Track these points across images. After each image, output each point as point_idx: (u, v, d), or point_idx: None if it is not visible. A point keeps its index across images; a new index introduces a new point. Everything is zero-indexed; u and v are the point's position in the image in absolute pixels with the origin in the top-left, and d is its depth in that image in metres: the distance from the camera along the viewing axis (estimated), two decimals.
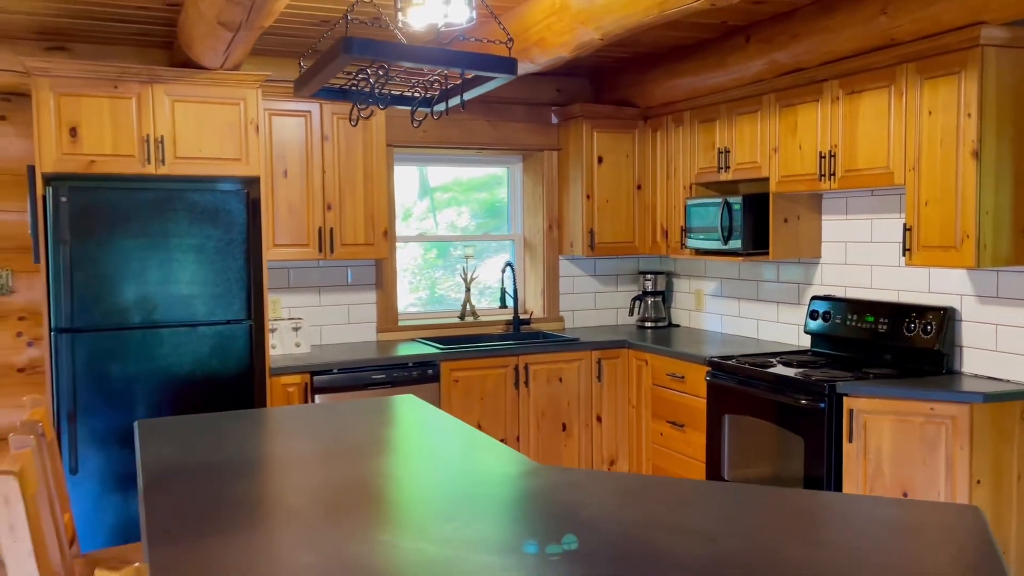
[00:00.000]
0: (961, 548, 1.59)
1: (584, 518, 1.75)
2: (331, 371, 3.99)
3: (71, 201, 3.41)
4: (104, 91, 3.55)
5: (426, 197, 5.19)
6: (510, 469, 2.14)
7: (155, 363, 3.57)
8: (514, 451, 2.30)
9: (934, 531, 1.67)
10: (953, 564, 1.52)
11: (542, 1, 3.20)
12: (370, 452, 2.32)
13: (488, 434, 3.67)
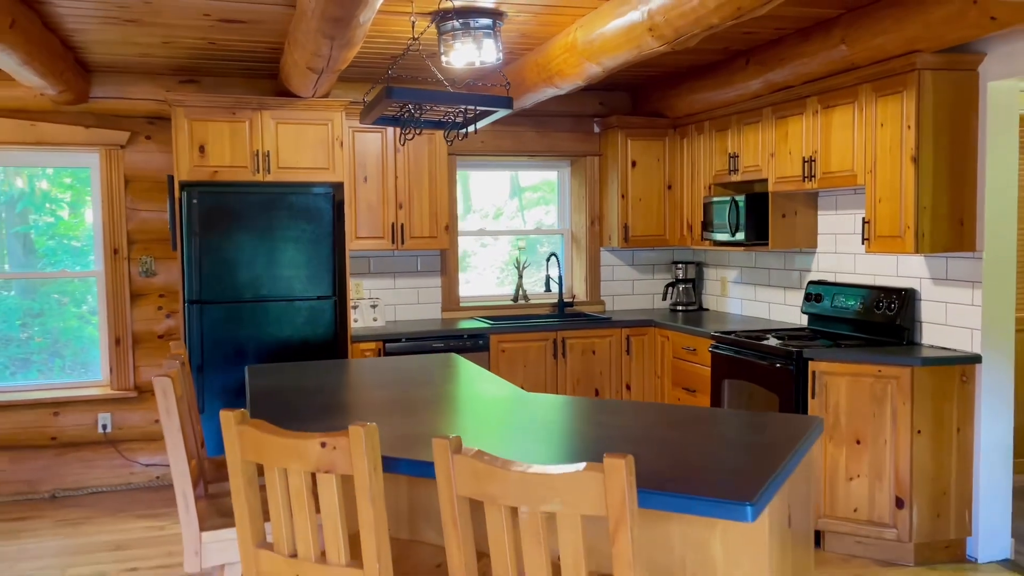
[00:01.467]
0: (775, 436, 2.31)
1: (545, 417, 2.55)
2: (400, 340, 4.89)
3: (199, 203, 4.44)
4: (224, 117, 4.56)
5: (516, 197, 6.05)
6: (506, 392, 2.96)
7: (262, 329, 4.56)
8: (512, 385, 3.11)
9: (772, 428, 2.38)
10: (758, 437, 2.24)
11: (560, 40, 4.01)
12: (418, 383, 3.17)
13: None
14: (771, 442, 2.20)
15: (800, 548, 2.33)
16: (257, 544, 2.01)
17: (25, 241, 5.29)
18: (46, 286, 5.22)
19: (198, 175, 4.54)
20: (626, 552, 1.56)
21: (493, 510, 1.68)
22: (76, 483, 4.99)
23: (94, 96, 4.88)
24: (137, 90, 4.93)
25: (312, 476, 1.89)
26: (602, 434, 2.35)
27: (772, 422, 2.44)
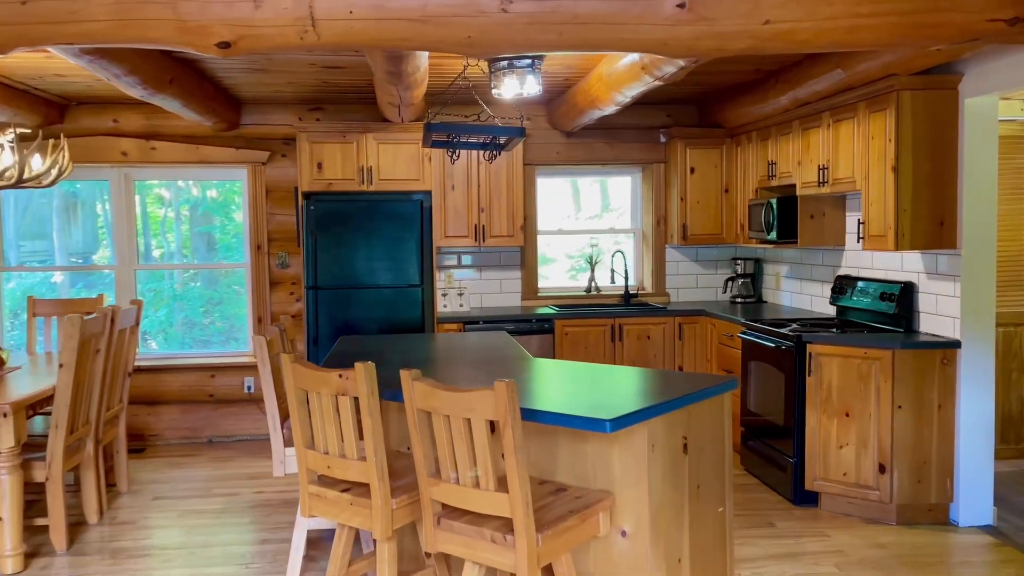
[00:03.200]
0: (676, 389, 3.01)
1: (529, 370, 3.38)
2: (478, 322, 5.83)
3: (316, 209, 5.57)
4: (337, 139, 5.67)
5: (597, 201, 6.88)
6: (513, 354, 3.81)
7: (364, 311, 5.63)
8: (525, 352, 3.95)
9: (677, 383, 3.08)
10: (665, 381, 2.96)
11: (595, 72, 4.80)
12: (458, 348, 4.09)
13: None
14: (664, 391, 2.94)
15: (706, 470, 3.04)
16: (305, 445, 2.99)
17: (209, 239, 6.68)
18: (228, 277, 6.58)
19: (316, 186, 5.68)
20: (510, 442, 2.40)
21: (436, 418, 2.57)
22: (226, 431, 6.29)
23: (243, 123, 6.14)
24: (276, 118, 6.14)
25: (335, 398, 2.84)
26: (553, 381, 3.16)
27: (684, 379, 3.17)
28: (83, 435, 4.25)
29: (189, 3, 2.53)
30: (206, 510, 4.64)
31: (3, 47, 2.58)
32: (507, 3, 2.63)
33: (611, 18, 2.69)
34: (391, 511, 2.81)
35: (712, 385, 3.05)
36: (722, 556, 3.18)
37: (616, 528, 2.79)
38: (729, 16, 2.72)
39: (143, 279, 6.63)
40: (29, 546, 4.01)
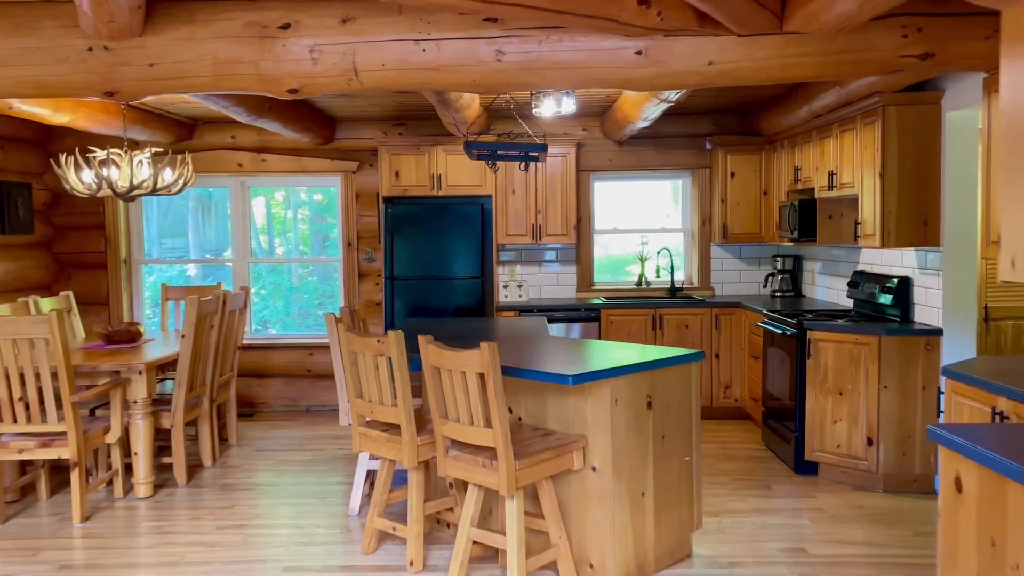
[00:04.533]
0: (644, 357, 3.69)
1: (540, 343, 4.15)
2: (532, 310, 6.62)
3: (393, 211, 6.50)
4: (412, 151, 6.59)
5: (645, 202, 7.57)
6: (533, 332, 4.57)
7: (433, 298, 6.52)
8: (552, 332, 4.71)
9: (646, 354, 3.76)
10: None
11: (623, 94, 5.50)
12: (497, 327, 4.89)
13: None
14: (631, 359, 3.65)
15: (672, 425, 3.72)
16: (355, 395, 3.87)
17: (323, 237, 7.79)
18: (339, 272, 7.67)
19: (394, 192, 6.62)
20: (491, 389, 3.18)
21: (443, 372, 3.38)
22: (321, 401, 7.32)
23: (338, 138, 7.16)
24: (364, 132, 7.13)
25: (375, 358, 3.70)
26: (551, 350, 3.92)
27: (656, 352, 3.86)
28: (200, 394, 5.31)
29: (267, 63, 3.45)
30: (297, 460, 5.63)
31: (136, 96, 3.57)
32: (501, 55, 3.42)
33: (583, 63, 3.43)
34: (416, 446, 3.65)
35: (675, 356, 3.73)
36: (688, 498, 3.85)
37: (588, 465, 3.53)
38: (678, 60, 3.41)
39: (266, 273, 7.80)
40: (157, 479, 5.09)
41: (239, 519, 4.47)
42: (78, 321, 6.03)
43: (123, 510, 4.63)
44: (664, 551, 3.74)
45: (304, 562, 3.87)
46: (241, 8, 3.39)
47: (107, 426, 4.68)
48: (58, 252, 7.18)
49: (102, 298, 7.20)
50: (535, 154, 4.86)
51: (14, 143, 6.57)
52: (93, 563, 3.88)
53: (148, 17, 3.37)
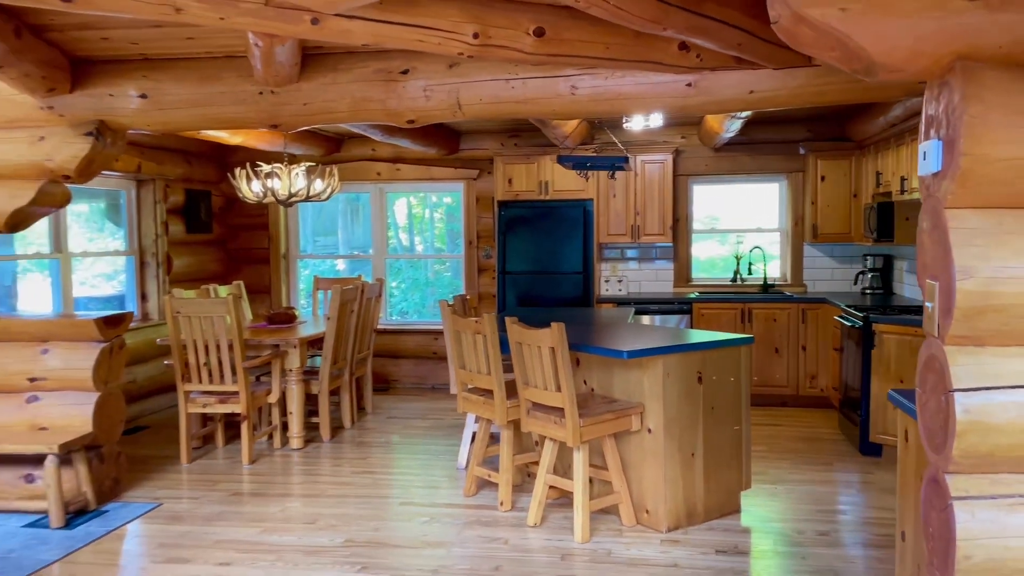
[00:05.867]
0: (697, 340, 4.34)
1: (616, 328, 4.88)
2: (629, 303, 7.32)
3: (506, 214, 7.37)
4: (522, 161, 7.44)
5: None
6: (616, 319, 5.29)
7: (539, 290, 7.34)
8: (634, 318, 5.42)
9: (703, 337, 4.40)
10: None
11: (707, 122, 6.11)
12: (602, 316, 5.65)
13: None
14: (685, 342, 4.32)
15: (722, 398, 4.37)
16: (459, 366, 4.75)
17: (457, 236, 8.82)
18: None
19: (507, 196, 7.49)
20: (560, 361, 3.97)
21: (524, 347, 4.20)
22: (444, 380, 8.31)
23: (461, 148, 8.11)
24: (483, 143, 8.04)
25: (474, 336, 4.55)
26: (622, 332, 4.64)
27: (707, 336, 4.51)
28: (342, 367, 6.38)
29: (391, 100, 4.37)
30: (420, 426, 6.61)
31: (294, 127, 4.59)
32: (575, 89, 4.19)
33: (643, 94, 4.15)
34: (506, 407, 4.48)
35: (724, 340, 4.38)
36: (737, 461, 4.49)
37: (645, 427, 4.25)
38: (722, 90, 4.06)
39: (405, 268, 8.91)
40: (307, 435, 6.18)
41: (369, 467, 5.46)
42: (247, 305, 7.27)
43: (280, 457, 5.74)
44: (713, 504, 4.39)
45: (417, 500, 4.79)
46: (371, 59, 4.33)
47: (269, 389, 5.81)
48: (231, 248, 8.53)
49: (265, 287, 8.49)
50: (620, 164, 5.58)
51: (199, 158, 7.93)
52: (257, 493, 4.96)
53: (303, 68, 4.37)
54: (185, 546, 4.10)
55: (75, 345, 4.71)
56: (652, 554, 3.93)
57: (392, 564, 3.85)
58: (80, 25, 3.93)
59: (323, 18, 3.10)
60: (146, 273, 7.35)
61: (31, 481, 4.62)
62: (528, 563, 3.83)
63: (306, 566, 3.83)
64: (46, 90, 4.31)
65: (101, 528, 4.36)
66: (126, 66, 4.46)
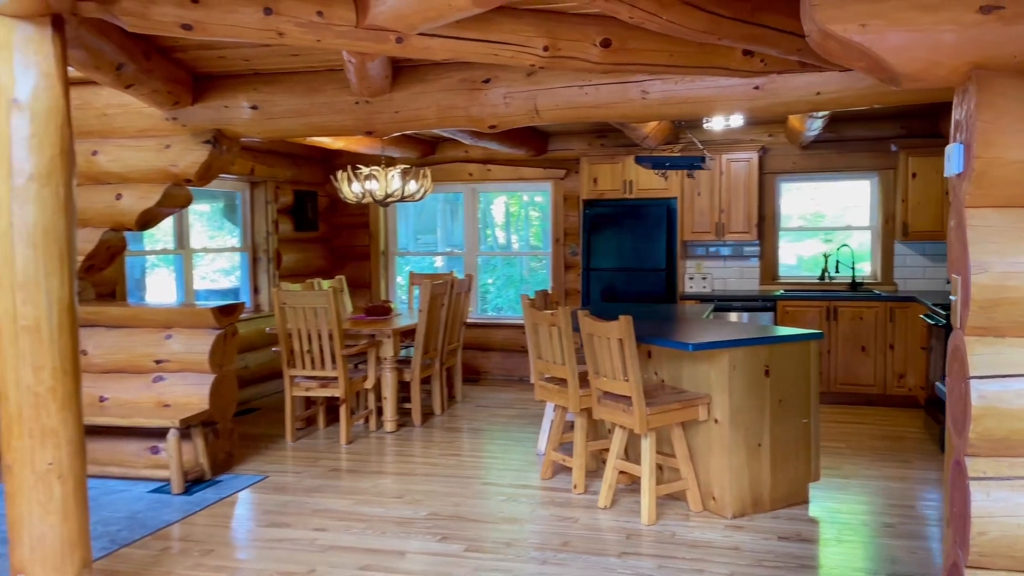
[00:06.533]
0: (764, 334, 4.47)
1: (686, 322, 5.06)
2: (712, 299, 7.43)
3: (590, 212, 7.61)
4: (607, 161, 7.66)
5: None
6: (693, 315, 5.45)
7: (622, 286, 7.55)
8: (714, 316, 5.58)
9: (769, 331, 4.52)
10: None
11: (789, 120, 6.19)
12: (679, 312, 5.84)
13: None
14: (755, 336, 4.47)
15: (789, 391, 4.50)
16: (536, 356, 5.04)
17: (545, 234, 9.14)
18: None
19: (592, 195, 7.73)
20: (627, 352, 4.20)
21: (595, 339, 4.45)
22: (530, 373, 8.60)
23: (550, 149, 8.39)
24: (571, 143, 8.29)
25: (550, 328, 4.83)
26: (693, 326, 4.82)
27: (774, 331, 4.64)
28: (432, 357, 6.77)
29: (474, 107, 4.70)
30: (505, 414, 6.94)
31: (386, 133, 4.98)
32: (645, 94, 4.41)
33: (711, 97, 4.33)
34: (579, 395, 4.75)
35: (792, 334, 4.51)
36: (806, 454, 4.60)
37: (712, 417, 4.43)
38: (789, 92, 4.19)
39: (501, 266, 9.28)
40: (400, 420, 6.60)
41: (456, 450, 5.82)
42: (347, 298, 7.78)
43: (374, 439, 6.18)
44: (780, 494, 4.52)
45: (497, 480, 5.11)
46: (456, 69, 4.67)
47: (365, 375, 6.26)
48: (335, 245, 9.10)
49: (366, 282, 9.02)
50: (698, 164, 5.74)
51: (307, 161, 8.52)
52: (352, 469, 5.39)
53: (395, 80, 4.75)
54: (287, 513, 4.55)
55: (194, 331, 5.26)
56: (715, 537, 4.11)
57: (469, 536, 4.18)
58: (200, 46, 4.42)
59: (406, 37, 3.44)
60: (258, 268, 7.97)
61: (156, 452, 5.19)
62: (595, 540, 4.09)
63: (392, 534, 4.20)
64: (171, 104, 4.85)
65: (215, 495, 4.87)
66: (239, 81, 4.96)
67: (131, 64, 4.18)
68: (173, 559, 3.93)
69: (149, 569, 3.81)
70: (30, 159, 3.03)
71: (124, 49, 4.06)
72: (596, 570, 3.73)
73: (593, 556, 3.89)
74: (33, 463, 3.11)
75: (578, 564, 3.80)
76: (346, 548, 4.03)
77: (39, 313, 3.08)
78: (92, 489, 4.95)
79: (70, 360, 3.18)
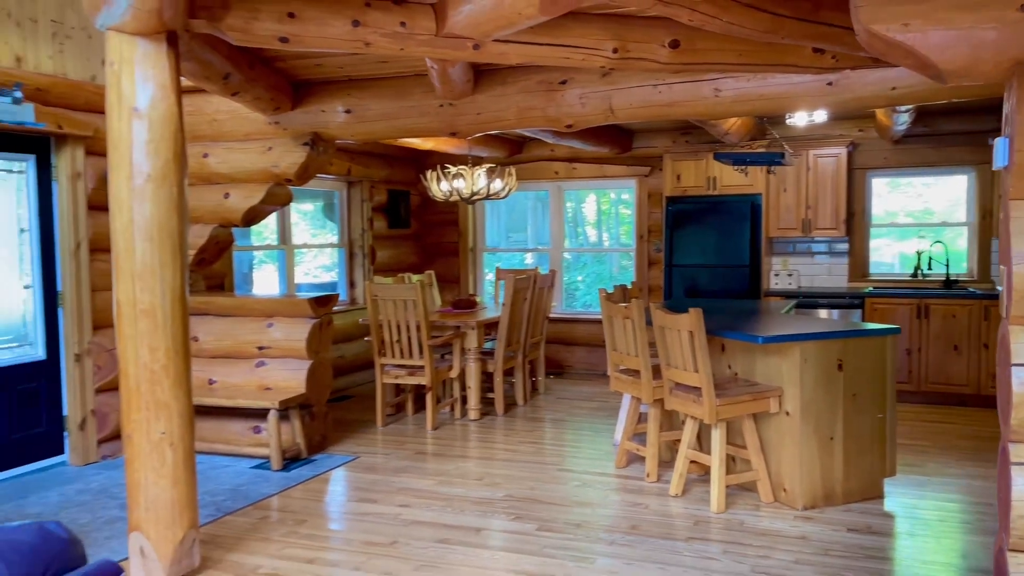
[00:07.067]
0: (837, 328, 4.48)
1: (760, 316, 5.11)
2: (797, 296, 7.39)
3: (673, 209, 7.69)
4: (690, 158, 7.71)
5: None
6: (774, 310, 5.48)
7: (706, 282, 7.59)
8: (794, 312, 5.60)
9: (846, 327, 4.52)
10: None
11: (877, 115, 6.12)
12: (757, 307, 5.88)
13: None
14: (826, 330, 4.50)
15: (864, 385, 4.50)
16: (611, 348, 5.20)
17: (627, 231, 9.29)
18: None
19: (675, 192, 7.80)
20: (697, 343, 4.32)
21: (667, 331, 4.58)
22: None
23: (634, 147, 8.50)
24: (654, 141, 8.38)
25: (624, 320, 4.98)
26: (765, 320, 4.87)
27: (847, 325, 4.64)
28: (515, 349, 7.01)
29: (551, 108, 4.89)
30: (586, 407, 7.11)
31: (469, 134, 5.24)
32: (718, 92, 4.50)
33: (783, 94, 4.39)
34: (651, 386, 4.88)
35: (867, 329, 4.51)
36: (881, 448, 4.60)
37: (783, 410, 4.49)
38: (863, 88, 4.21)
39: (591, 263, 9.46)
40: (483, 409, 6.87)
41: (536, 439, 6.04)
42: (436, 292, 8.11)
43: (459, 426, 6.46)
44: (853, 488, 4.54)
45: (572, 467, 5.30)
46: (534, 72, 4.88)
47: (450, 365, 6.55)
48: (426, 242, 9.47)
49: (455, 277, 9.35)
50: (778, 160, 5.77)
51: (400, 161, 8.90)
52: (437, 453, 5.68)
53: (477, 83, 5.00)
54: (374, 491, 4.86)
55: (293, 320, 5.66)
56: (783, 527, 4.18)
57: (542, 516, 4.38)
58: (298, 56, 4.78)
59: (482, 44, 3.68)
60: (354, 263, 8.40)
61: (258, 432, 5.61)
62: (663, 525, 4.23)
63: (470, 512, 4.45)
64: (272, 109, 5.24)
65: (310, 472, 5.24)
66: (335, 87, 5.31)
67: (237, 74, 4.57)
68: (270, 527, 4.29)
69: (249, 534, 4.17)
70: (147, 162, 3.41)
71: (230, 60, 4.45)
72: (662, 552, 3.87)
73: (660, 540, 4.03)
74: (148, 433, 3.50)
75: (645, 546, 3.95)
76: (426, 523, 4.30)
77: (155, 299, 3.47)
78: (201, 464, 5.42)
79: (181, 342, 3.55)
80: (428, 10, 3.61)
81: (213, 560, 3.84)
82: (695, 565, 3.73)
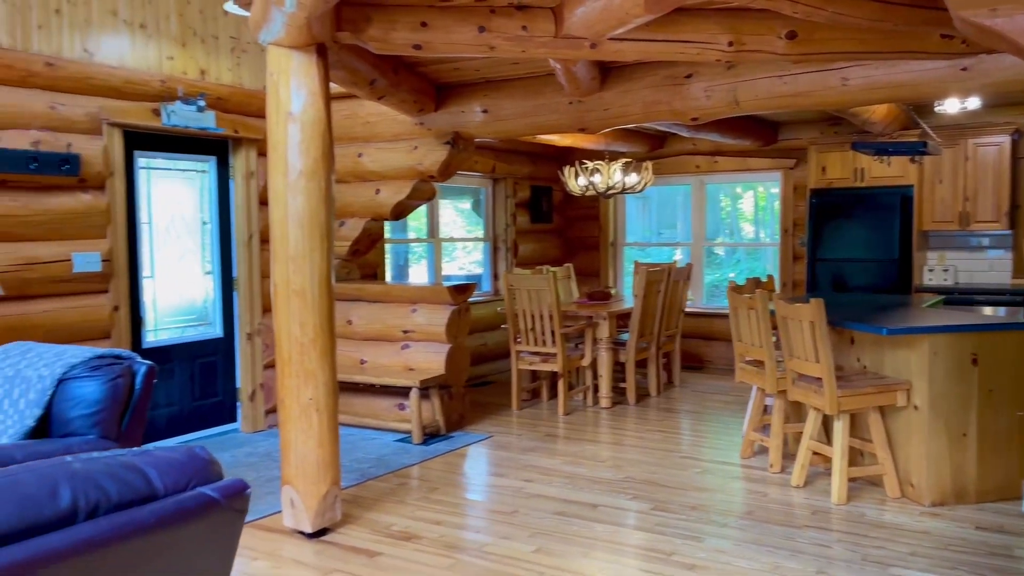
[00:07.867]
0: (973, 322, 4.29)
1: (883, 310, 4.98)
2: (952, 292, 7.04)
3: (818, 201, 7.52)
4: (837, 149, 7.52)
5: None
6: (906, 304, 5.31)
7: (850, 277, 7.38)
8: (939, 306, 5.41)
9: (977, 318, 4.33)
10: None
11: None
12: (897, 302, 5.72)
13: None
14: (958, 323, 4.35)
15: (1001, 381, 4.32)
16: (736, 339, 5.24)
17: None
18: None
19: (820, 184, 7.63)
20: (818, 334, 4.32)
21: (789, 321, 4.59)
22: None
23: (780, 139, 8.36)
24: (800, 132, 8.18)
25: (748, 311, 5.01)
26: (896, 313, 4.75)
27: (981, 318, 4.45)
28: (648, 340, 7.13)
29: (676, 102, 5.01)
30: (720, 400, 7.12)
31: (597, 130, 5.44)
32: (845, 80, 4.46)
33: (914, 81, 4.29)
34: (775, 377, 4.90)
35: (1005, 322, 4.33)
36: (1020, 447, 4.39)
37: (911, 404, 4.39)
38: (1000, 72, 4.05)
39: (744, 259, 9.45)
40: (615, 398, 7.04)
41: (664, 428, 6.16)
42: (574, 284, 8.36)
43: (590, 413, 6.68)
44: (988, 487, 4.36)
45: (696, 455, 5.39)
46: (659, 68, 5.01)
47: (582, 354, 6.78)
48: (568, 236, 9.73)
49: (595, 271, 9.56)
50: (921, 149, 5.57)
51: (542, 158, 9.22)
52: (565, 436, 5.93)
53: (605, 80, 5.19)
54: (504, 466, 5.18)
55: (434, 307, 6.08)
56: (905, 521, 4.11)
57: (658, 498, 4.53)
58: (437, 60, 5.17)
59: (598, 43, 3.88)
60: (498, 256, 8.79)
61: (402, 408, 6.08)
62: (779, 512, 4.26)
63: (589, 490, 4.67)
64: (417, 111, 5.67)
65: (447, 447, 5.64)
66: (472, 88, 5.67)
67: (382, 79, 5.01)
68: (406, 492, 4.70)
69: (387, 497, 4.60)
70: (300, 160, 3.88)
71: (376, 67, 4.89)
72: (773, 537, 3.93)
73: (774, 525, 4.08)
74: (298, 398, 3.97)
75: (757, 531, 4.02)
76: (547, 497, 4.56)
77: (304, 280, 3.93)
78: (351, 435, 5.95)
79: (327, 319, 4.00)
80: (548, 13, 3.86)
81: (353, 516, 4.28)
82: (804, 550, 3.77)
